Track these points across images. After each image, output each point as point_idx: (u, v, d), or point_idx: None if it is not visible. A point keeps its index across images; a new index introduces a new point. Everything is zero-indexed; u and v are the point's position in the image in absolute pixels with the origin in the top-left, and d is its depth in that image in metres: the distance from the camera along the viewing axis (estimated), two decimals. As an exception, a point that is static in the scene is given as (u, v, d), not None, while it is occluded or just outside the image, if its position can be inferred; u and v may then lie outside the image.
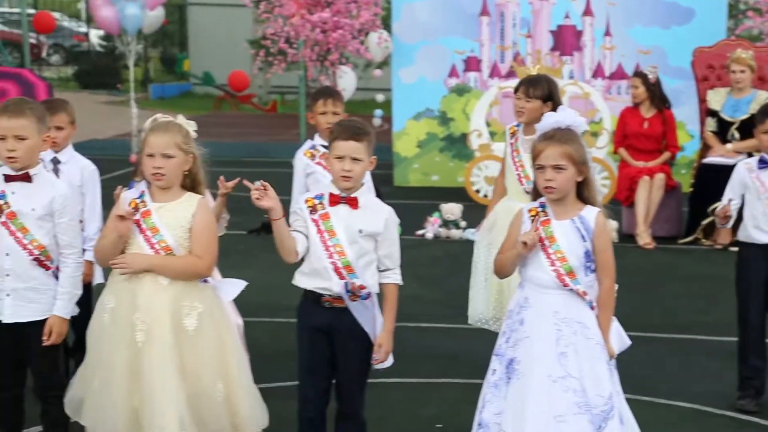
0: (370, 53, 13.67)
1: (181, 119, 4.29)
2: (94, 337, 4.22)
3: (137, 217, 4.16)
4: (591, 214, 4.14)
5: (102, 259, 4.24)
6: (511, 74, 12.55)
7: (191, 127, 4.29)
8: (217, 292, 4.36)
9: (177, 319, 4.11)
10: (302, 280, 4.36)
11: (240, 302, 4.59)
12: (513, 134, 5.90)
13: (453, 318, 6.96)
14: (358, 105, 16.59)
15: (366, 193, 4.38)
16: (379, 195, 4.89)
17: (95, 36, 29.62)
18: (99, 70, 26.52)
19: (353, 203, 4.30)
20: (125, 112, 16.79)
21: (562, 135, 4.12)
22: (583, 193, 4.16)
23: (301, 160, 5.88)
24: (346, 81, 13.60)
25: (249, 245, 9.41)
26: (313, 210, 4.32)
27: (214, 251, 4.23)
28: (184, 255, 4.17)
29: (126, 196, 4.22)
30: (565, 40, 12.89)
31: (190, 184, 4.26)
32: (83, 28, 31.15)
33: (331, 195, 4.33)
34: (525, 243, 4.07)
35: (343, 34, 13.48)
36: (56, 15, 28.01)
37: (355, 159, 4.26)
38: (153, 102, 23.64)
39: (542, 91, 5.73)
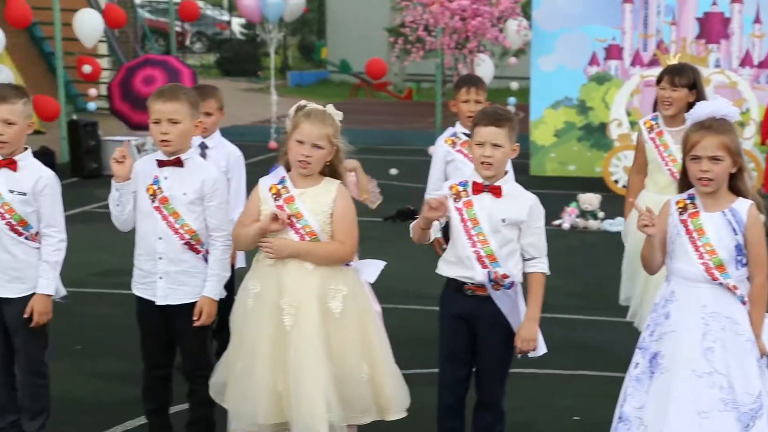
0: (509, 41, 13.56)
1: (330, 108, 4.33)
2: (237, 322, 4.30)
3: (280, 203, 4.22)
4: (743, 206, 4.00)
5: (240, 245, 4.34)
6: (653, 63, 12.26)
7: (338, 117, 4.33)
8: (359, 274, 4.41)
9: (323, 303, 4.16)
10: (445, 268, 4.36)
11: (375, 288, 4.63)
12: (651, 128, 5.73)
13: (589, 309, 6.88)
14: (493, 93, 16.50)
15: (510, 181, 4.35)
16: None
17: (237, 24, 30.28)
18: (240, 58, 27.10)
19: (497, 192, 4.27)
20: (264, 98, 17.10)
21: (718, 125, 3.97)
22: (736, 184, 4.03)
23: (441, 147, 5.89)
24: (484, 69, 13.52)
25: (385, 232, 9.47)
26: (457, 197, 4.31)
27: (355, 236, 4.27)
28: (328, 241, 4.22)
29: (265, 182, 4.30)
30: (712, 28, 12.52)
31: (328, 172, 4.31)
32: (225, 17, 31.88)
33: (474, 183, 4.30)
34: (645, 225, 3.96)
35: (482, 22, 13.41)
36: (200, 3, 28.73)
37: (495, 145, 4.22)
38: (291, 89, 24.01)
39: (687, 79, 5.57)
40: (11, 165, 4.44)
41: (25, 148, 4.52)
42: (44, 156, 12.62)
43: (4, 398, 4.58)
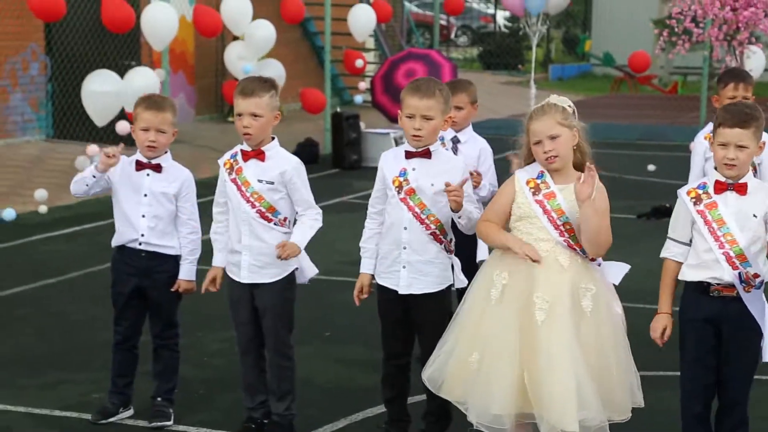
0: (783, 32, 12.84)
1: (553, 97, 4.29)
2: (473, 311, 4.25)
3: (539, 197, 4.19)
4: None
5: (485, 241, 4.37)
6: None
7: (565, 103, 4.26)
8: (604, 275, 4.33)
9: (576, 300, 4.13)
10: (689, 273, 4.23)
11: (622, 287, 4.54)
12: None
13: None
14: (764, 87, 15.64)
15: (751, 177, 4.21)
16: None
17: (501, 17, 30.35)
18: (502, 51, 27.15)
19: (741, 189, 4.13)
20: (524, 92, 17.05)
21: None
22: None
23: (701, 144, 5.71)
24: (755, 61, 12.88)
25: (637, 229, 9.24)
26: (697, 200, 4.19)
27: (610, 232, 4.21)
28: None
29: (522, 174, 4.27)
30: None
31: (579, 158, 4.24)
32: (491, 10, 32.02)
33: (717, 182, 4.17)
34: None
35: (755, 12, 12.76)
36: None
37: (740, 146, 4.08)
38: (551, 83, 23.82)
39: None
40: (260, 156, 4.67)
41: (272, 138, 4.72)
42: (309, 147, 13.21)
43: (254, 379, 4.82)
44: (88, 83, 9.80)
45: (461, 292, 4.76)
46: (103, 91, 9.72)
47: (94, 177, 4.87)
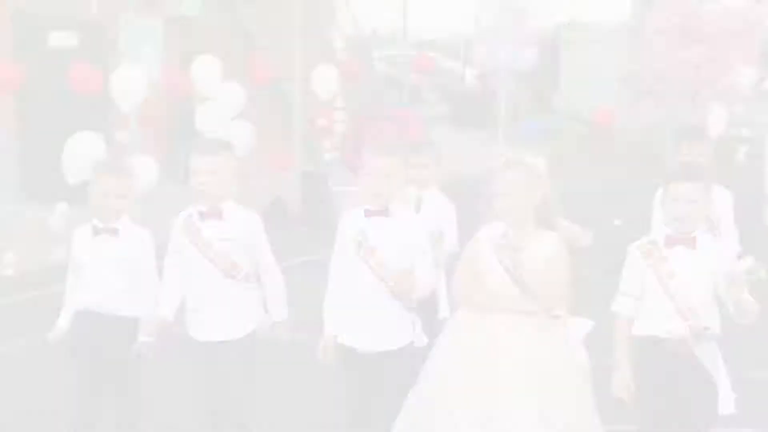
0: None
1: (526, 157, 4.38)
2: (436, 367, 4.34)
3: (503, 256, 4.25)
4: None
5: (464, 303, 4.41)
6: None
7: (537, 162, 4.35)
8: (568, 331, 4.37)
9: (536, 356, 4.20)
10: (642, 327, 4.34)
11: (591, 342, 4.58)
12: None
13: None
14: (726, 143, 15.94)
15: (701, 234, 4.32)
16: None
17: (470, 75, 30.62)
18: (471, 109, 27.36)
19: (691, 244, 4.23)
20: (492, 149, 17.17)
21: None
22: None
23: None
24: (716, 118, 13.12)
25: (604, 284, 9.26)
26: (648, 254, 4.27)
27: (562, 287, 4.31)
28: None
29: (484, 234, 4.32)
30: None
31: (544, 219, 4.29)
32: (460, 68, 32.31)
33: (668, 236, 4.27)
34: None
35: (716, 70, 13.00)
36: (436, 55, 29.27)
37: (690, 200, 4.23)
38: (520, 139, 23.99)
39: None
40: (218, 215, 4.71)
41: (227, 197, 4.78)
42: (278, 206, 13.24)
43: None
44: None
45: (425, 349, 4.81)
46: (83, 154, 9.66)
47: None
